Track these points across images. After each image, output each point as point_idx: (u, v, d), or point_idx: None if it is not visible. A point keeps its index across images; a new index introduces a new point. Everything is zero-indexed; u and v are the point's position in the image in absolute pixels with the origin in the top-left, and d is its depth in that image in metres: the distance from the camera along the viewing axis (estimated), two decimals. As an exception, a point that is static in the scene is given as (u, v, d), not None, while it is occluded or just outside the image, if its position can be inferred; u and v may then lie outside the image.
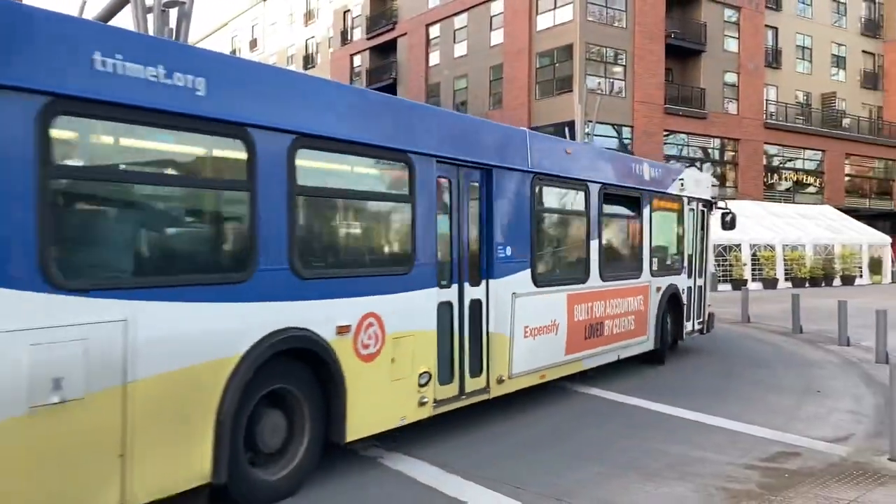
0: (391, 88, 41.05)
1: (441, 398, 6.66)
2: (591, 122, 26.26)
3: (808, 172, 41.32)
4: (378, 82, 42.28)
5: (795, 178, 40.64)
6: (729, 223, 12.98)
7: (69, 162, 3.98)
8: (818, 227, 34.15)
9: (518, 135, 7.93)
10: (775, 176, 39.94)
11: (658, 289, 10.77)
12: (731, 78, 37.41)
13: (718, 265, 28.21)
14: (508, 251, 7.46)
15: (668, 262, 11.31)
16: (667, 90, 34.71)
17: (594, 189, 9.11)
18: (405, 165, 6.26)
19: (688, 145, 36.33)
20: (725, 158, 38.26)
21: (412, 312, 6.25)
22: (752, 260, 29.34)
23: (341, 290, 5.56)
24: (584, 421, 7.63)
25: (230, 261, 4.89)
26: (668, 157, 35.63)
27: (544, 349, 8.05)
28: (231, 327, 4.70)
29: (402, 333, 6.12)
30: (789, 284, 29.87)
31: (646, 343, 10.54)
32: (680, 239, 11.67)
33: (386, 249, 6.31)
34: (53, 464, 3.84)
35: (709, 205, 12.70)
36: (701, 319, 12.46)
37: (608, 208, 9.50)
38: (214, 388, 4.60)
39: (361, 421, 5.72)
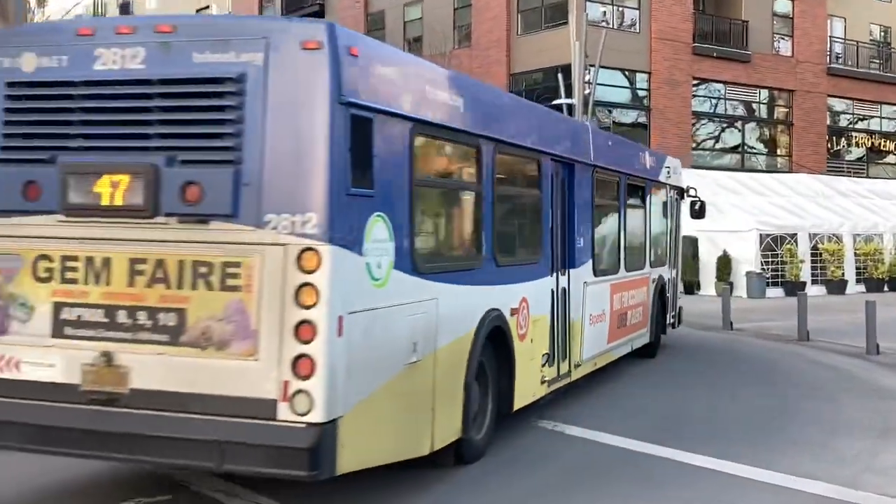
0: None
1: (549, 378, 9.58)
2: (592, 66, 26.36)
3: (886, 136, 42.17)
4: (298, 10, 41.94)
5: (870, 144, 41.42)
6: (697, 212, 16.45)
7: (418, 174, 6.78)
8: (900, 209, 34.78)
9: (583, 128, 11.83)
10: (842, 141, 40.67)
11: (653, 280, 14.20)
12: (783, 6, 37.97)
13: (767, 263, 28.57)
14: (582, 242, 10.61)
15: (659, 253, 14.83)
16: (696, 23, 35.07)
17: (623, 180, 12.53)
18: (536, 164, 9.42)
19: (725, 98, 36.78)
20: (776, 116, 38.83)
21: (540, 298, 9.32)
22: (812, 255, 29.76)
23: (512, 276, 8.60)
24: (577, 476, 7.64)
25: (472, 250, 7.98)
26: (699, 115, 36.02)
27: (598, 337, 11.30)
28: (472, 305, 7.68)
29: (537, 317, 9.14)
30: (862, 288, 30.42)
31: (645, 335, 13.79)
32: (666, 229, 15.33)
33: (529, 241, 9.53)
34: (404, 413, 6.57)
35: (681, 193, 16.34)
36: (673, 313, 16.00)
37: (628, 198, 12.80)
38: (463, 357, 7.45)
39: (520, 393, 8.64)
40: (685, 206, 16.61)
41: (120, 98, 5.84)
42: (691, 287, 29.21)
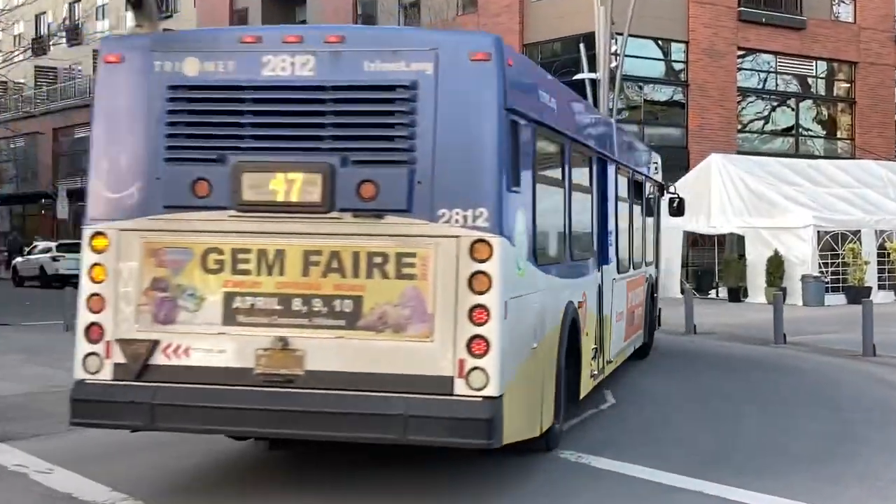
0: (297, -19, 40.74)
1: (595, 373, 11.31)
2: (620, 35, 26.37)
3: (964, 115, 42.07)
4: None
5: (945, 125, 41.31)
6: (676, 209, 18.17)
7: (536, 172, 8.33)
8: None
9: (607, 122, 13.90)
10: (914, 121, 40.57)
11: (647, 279, 16.30)
12: (842, -36, 37.90)
13: (826, 264, 28.56)
14: (611, 239, 12.23)
15: (652, 250, 17.13)
16: (742, -16, 35.03)
17: (631, 176, 14.37)
18: (589, 161, 11.25)
19: (775, 72, 36.75)
20: (835, 93, 38.79)
21: (592, 293, 11.10)
22: (879, 255, 29.72)
23: (579, 272, 10.49)
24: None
25: (561, 245, 9.78)
26: (745, 92, 35.98)
27: (619, 334, 13.10)
28: (562, 297, 9.41)
29: (590, 312, 10.91)
30: (937, 293, 30.34)
31: (641, 336, 15.70)
32: (655, 226, 17.56)
33: (586, 237, 11.15)
34: (529, 395, 8.00)
35: (661, 189, 18.38)
36: (655, 314, 17.77)
37: (634, 195, 14.68)
38: (556, 344, 9.09)
39: (583, 383, 10.46)
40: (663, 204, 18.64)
41: (292, 102, 7.17)
42: (737, 293, 29.21)
